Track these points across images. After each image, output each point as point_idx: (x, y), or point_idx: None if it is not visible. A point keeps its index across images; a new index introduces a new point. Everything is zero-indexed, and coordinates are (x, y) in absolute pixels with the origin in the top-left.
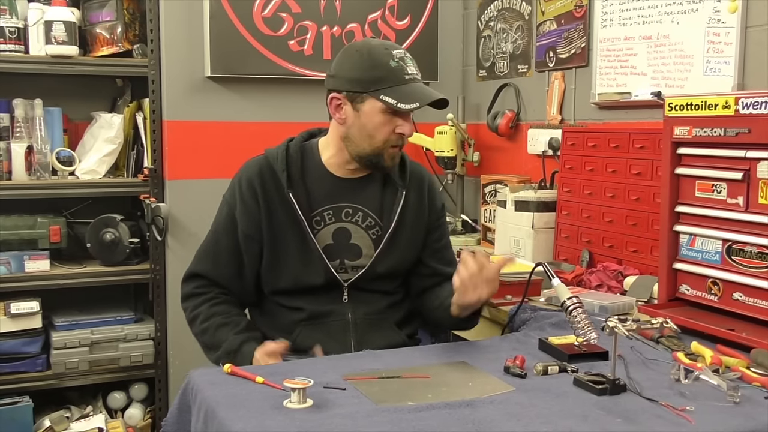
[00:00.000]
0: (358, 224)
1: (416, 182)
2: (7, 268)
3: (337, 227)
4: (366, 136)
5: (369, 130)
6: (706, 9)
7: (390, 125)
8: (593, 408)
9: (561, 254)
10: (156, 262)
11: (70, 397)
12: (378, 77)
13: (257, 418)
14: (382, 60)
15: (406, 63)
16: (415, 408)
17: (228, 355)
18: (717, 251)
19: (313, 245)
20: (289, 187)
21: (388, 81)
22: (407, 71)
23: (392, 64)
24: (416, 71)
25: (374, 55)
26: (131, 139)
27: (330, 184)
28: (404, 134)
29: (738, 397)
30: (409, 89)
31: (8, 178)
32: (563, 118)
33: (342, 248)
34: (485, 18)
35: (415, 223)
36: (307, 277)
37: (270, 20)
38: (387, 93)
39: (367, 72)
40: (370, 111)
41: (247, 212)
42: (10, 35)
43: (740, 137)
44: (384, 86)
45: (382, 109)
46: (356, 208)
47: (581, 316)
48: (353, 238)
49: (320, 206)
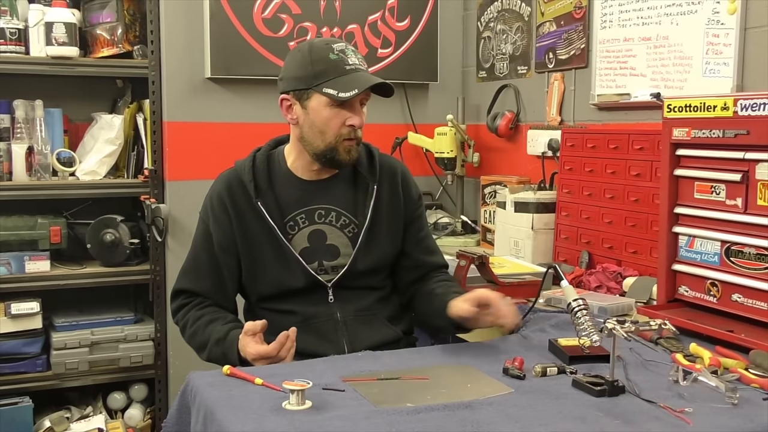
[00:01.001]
0: (333, 224)
1: (388, 175)
2: (8, 269)
3: (312, 230)
4: (317, 133)
5: (319, 126)
6: (705, 10)
7: (338, 118)
8: (592, 409)
9: (560, 255)
10: (156, 262)
11: (70, 397)
12: (319, 71)
13: (256, 420)
14: (322, 54)
15: (347, 54)
16: (414, 409)
17: (217, 344)
18: (716, 252)
19: (288, 250)
20: (257, 197)
21: (329, 74)
22: (348, 62)
23: (332, 57)
24: (359, 62)
25: (314, 51)
26: (131, 140)
27: (298, 189)
28: (354, 126)
29: (736, 398)
30: (349, 79)
31: (9, 179)
32: (563, 119)
33: (319, 250)
34: (485, 19)
35: (390, 216)
36: (288, 281)
37: (270, 21)
38: (329, 85)
39: (308, 68)
40: (317, 106)
41: (219, 226)
42: (11, 36)
43: (739, 138)
44: (325, 79)
45: (327, 102)
46: (328, 208)
47: (585, 318)
48: (329, 238)
49: (292, 211)
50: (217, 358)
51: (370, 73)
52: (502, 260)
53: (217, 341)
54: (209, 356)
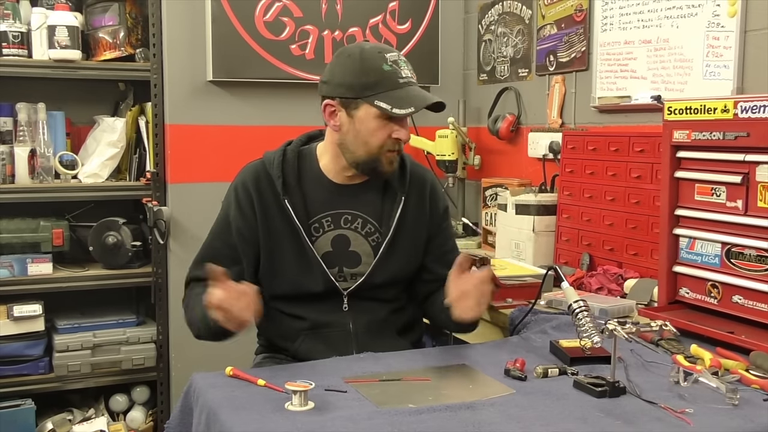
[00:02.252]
0: (358, 231)
1: (417, 186)
2: (10, 271)
3: (336, 234)
4: (362, 143)
5: (364, 137)
6: (705, 13)
7: (386, 130)
8: (593, 410)
9: (561, 257)
10: (158, 265)
11: (72, 399)
12: (372, 82)
13: (259, 421)
14: (375, 64)
15: (400, 66)
16: (416, 410)
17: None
18: (716, 254)
19: (311, 253)
20: (284, 194)
21: (382, 86)
22: (401, 75)
23: (385, 68)
24: (411, 74)
25: (367, 59)
26: (133, 142)
27: (328, 191)
28: (401, 139)
29: (737, 399)
30: (403, 93)
31: (11, 182)
32: (563, 122)
33: (341, 256)
34: (486, 22)
35: (414, 228)
36: (306, 285)
37: (271, 24)
38: (381, 98)
39: (360, 77)
40: (365, 117)
41: (243, 216)
42: (14, 40)
43: (739, 141)
44: (378, 91)
45: (376, 114)
46: (355, 214)
47: (586, 319)
48: (352, 245)
49: (318, 213)
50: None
51: (420, 88)
52: (503, 262)
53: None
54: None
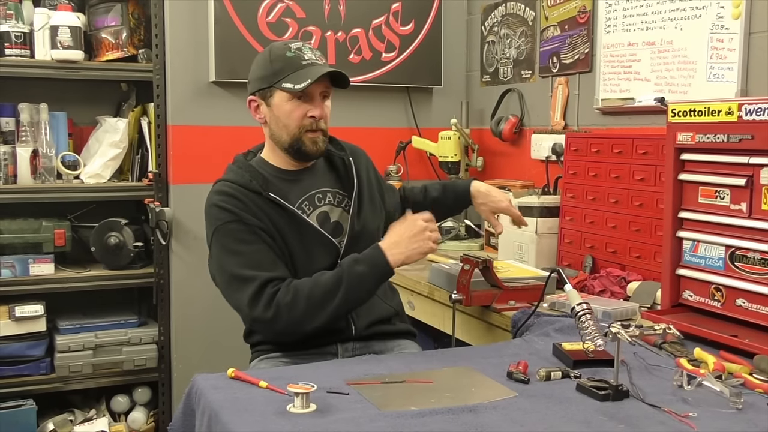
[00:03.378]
0: (332, 204)
1: (356, 154)
2: (12, 272)
3: (318, 212)
4: (282, 127)
5: (283, 121)
6: (709, 15)
7: (300, 110)
8: (596, 414)
9: (564, 260)
10: (160, 266)
11: (73, 400)
12: (278, 69)
13: (260, 423)
14: (280, 53)
15: (304, 51)
16: (418, 413)
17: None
18: (720, 257)
19: (311, 228)
20: (265, 189)
21: (287, 70)
22: (304, 57)
23: (288, 54)
24: (315, 57)
25: (273, 52)
26: (136, 143)
27: (289, 180)
28: (315, 116)
29: (741, 403)
30: (305, 72)
31: (13, 182)
32: (567, 124)
33: (328, 229)
34: (489, 23)
35: (369, 188)
36: (313, 265)
37: (274, 25)
38: (286, 80)
39: (268, 68)
40: (279, 102)
41: (251, 215)
42: (16, 40)
43: (743, 143)
44: (283, 75)
45: (287, 97)
46: (324, 191)
47: (589, 322)
48: (332, 217)
49: (296, 200)
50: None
51: (328, 66)
52: (505, 264)
53: (355, 261)
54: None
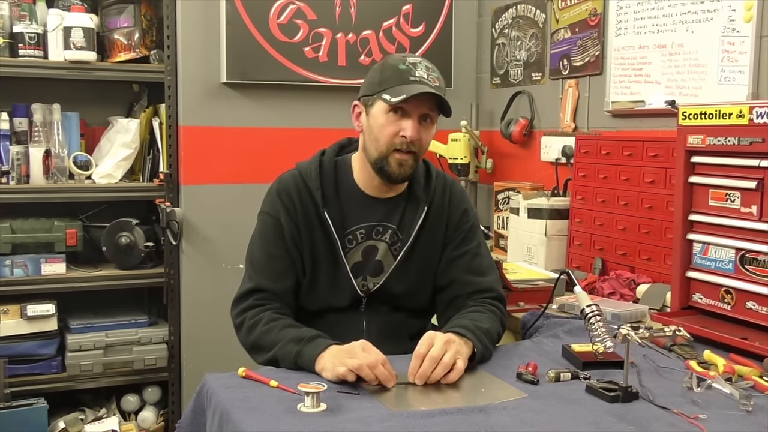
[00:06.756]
0: (385, 241)
1: (439, 194)
2: (24, 271)
3: (367, 245)
4: (373, 140)
5: (375, 134)
6: (720, 18)
7: (393, 127)
8: (605, 415)
9: (573, 262)
10: (170, 266)
11: (84, 399)
12: (385, 78)
13: (271, 422)
14: (393, 63)
15: (417, 67)
16: (428, 413)
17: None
18: (730, 260)
19: (343, 268)
20: (324, 206)
21: (392, 81)
22: (415, 74)
23: (401, 67)
24: (426, 76)
25: (388, 61)
26: (147, 143)
27: (362, 203)
28: (406, 137)
29: (751, 405)
30: (408, 87)
31: (26, 182)
32: (577, 126)
33: (368, 265)
34: (499, 26)
35: (432, 237)
36: (334, 302)
37: (285, 27)
38: (388, 91)
39: (377, 75)
40: (376, 113)
41: (294, 223)
42: (30, 41)
43: (754, 146)
44: (388, 86)
45: (385, 109)
46: (386, 226)
47: (599, 323)
48: (378, 254)
49: (353, 225)
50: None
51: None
52: (515, 266)
53: (296, 340)
54: (273, 355)
